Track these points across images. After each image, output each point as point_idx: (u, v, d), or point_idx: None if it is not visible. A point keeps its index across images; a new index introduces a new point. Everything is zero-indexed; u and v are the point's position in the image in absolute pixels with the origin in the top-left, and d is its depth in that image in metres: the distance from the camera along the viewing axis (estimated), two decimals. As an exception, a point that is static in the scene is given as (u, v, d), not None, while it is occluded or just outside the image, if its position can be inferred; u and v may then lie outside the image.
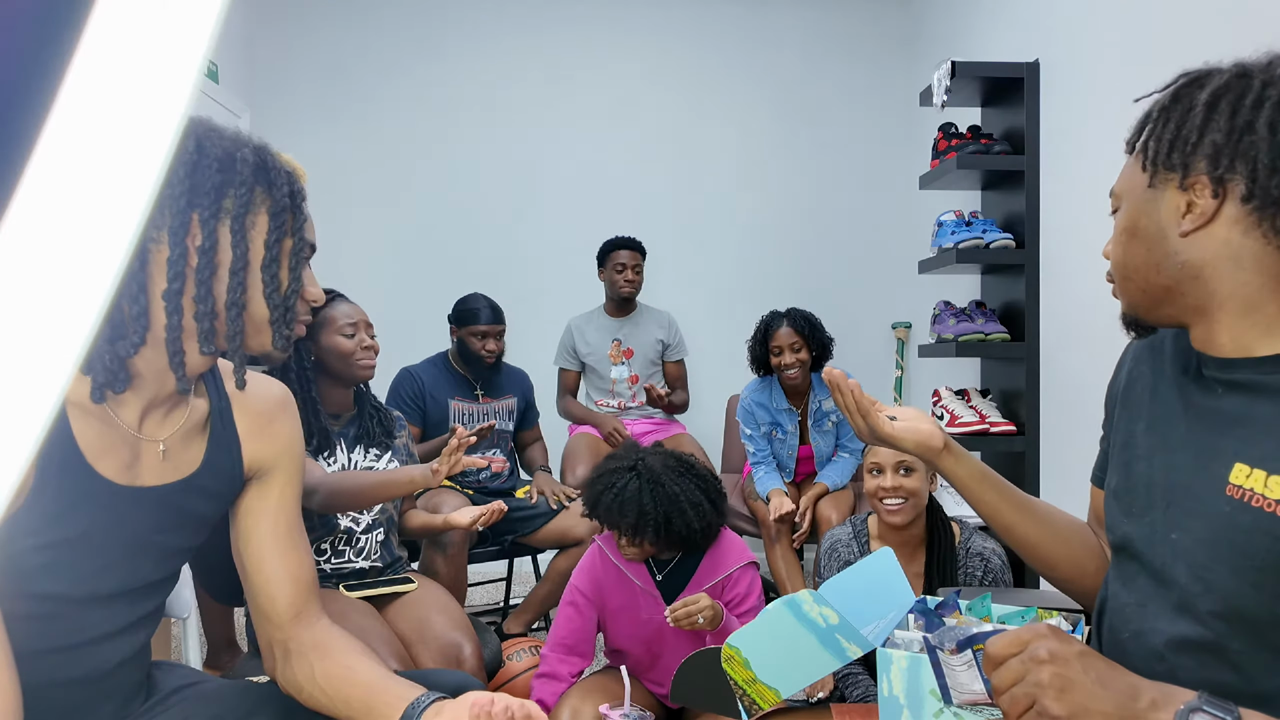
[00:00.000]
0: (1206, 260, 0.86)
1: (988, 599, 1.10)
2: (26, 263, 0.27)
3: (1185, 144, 0.86)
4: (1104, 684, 0.77)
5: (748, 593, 1.87)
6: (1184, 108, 0.87)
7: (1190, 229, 0.86)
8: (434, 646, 1.82)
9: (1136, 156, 0.93)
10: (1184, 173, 0.86)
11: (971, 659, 0.91)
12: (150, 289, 0.89)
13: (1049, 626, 0.82)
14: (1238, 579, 0.83)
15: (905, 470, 1.78)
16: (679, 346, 3.53)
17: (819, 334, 2.92)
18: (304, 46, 4.00)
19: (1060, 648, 0.79)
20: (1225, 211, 0.84)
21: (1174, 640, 0.88)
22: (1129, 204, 0.93)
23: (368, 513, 1.98)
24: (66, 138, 0.27)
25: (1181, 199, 0.87)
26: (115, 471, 0.94)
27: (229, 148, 0.92)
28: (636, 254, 3.41)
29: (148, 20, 0.27)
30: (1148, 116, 0.92)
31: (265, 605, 1.09)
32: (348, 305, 2.02)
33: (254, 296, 0.94)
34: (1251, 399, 0.86)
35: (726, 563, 1.88)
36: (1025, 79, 2.84)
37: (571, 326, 3.50)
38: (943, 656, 0.93)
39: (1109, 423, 1.08)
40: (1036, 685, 0.78)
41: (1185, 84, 0.89)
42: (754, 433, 2.98)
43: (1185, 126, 0.86)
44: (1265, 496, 0.81)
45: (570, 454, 3.18)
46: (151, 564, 1.01)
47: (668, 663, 1.85)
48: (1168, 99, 0.90)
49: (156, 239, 0.89)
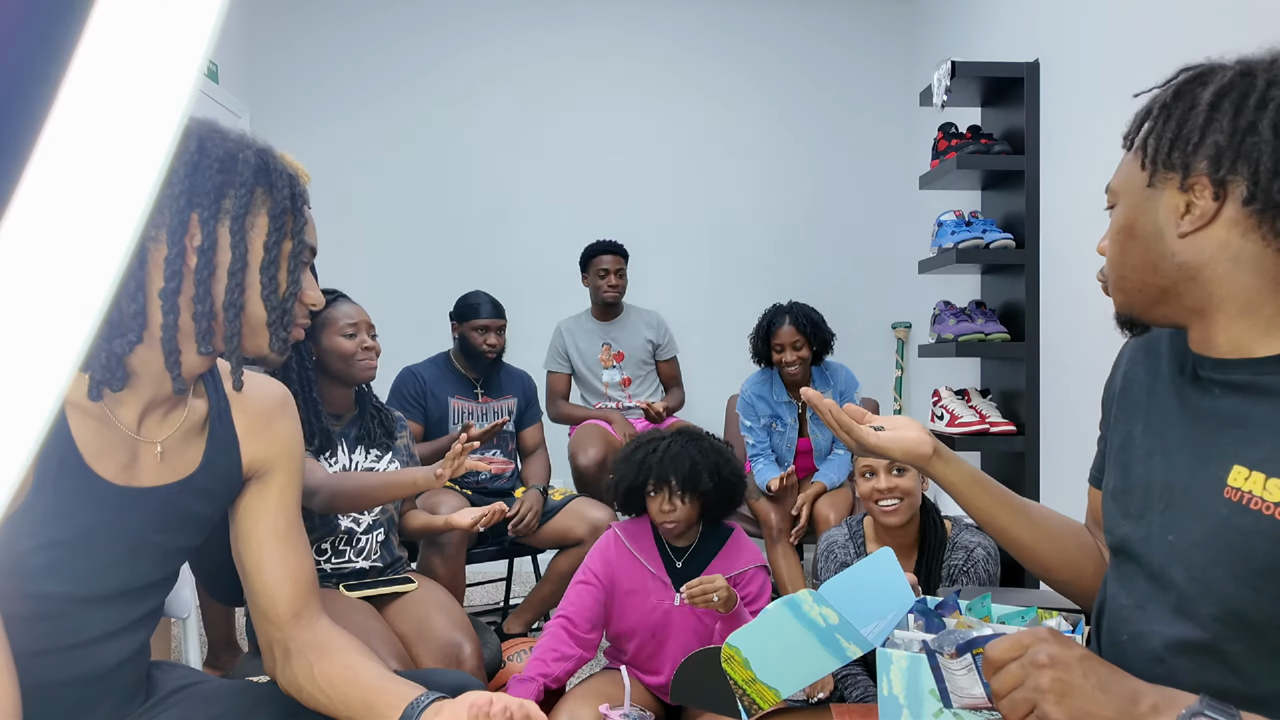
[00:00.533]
0: (1204, 261, 0.85)
1: (987, 599, 1.10)
2: (26, 263, 0.27)
3: (1186, 144, 0.84)
4: (1104, 688, 0.77)
5: (760, 593, 1.89)
6: (1185, 106, 0.86)
7: (1190, 230, 0.85)
8: (434, 646, 1.82)
9: (1135, 154, 0.91)
10: (1184, 173, 0.85)
11: (971, 663, 0.90)
12: (148, 288, 0.89)
13: (1049, 630, 0.82)
14: (1236, 582, 0.83)
15: (898, 470, 1.79)
16: (669, 345, 3.52)
17: (820, 332, 2.95)
18: (304, 46, 4.00)
19: (1061, 652, 0.78)
20: (1225, 213, 0.83)
21: (1173, 642, 0.88)
22: (1126, 202, 0.92)
23: (368, 513, 1.98)
24: (66, 138, 0.27)
25: (1181, 199, 0.86)
26: (113, 472, 0.94)
27: (231, 149, 0.92)
28: (619, 258, 3.39)
29: (148, 20, 0.27)
30: (1147, 112, 0.90)
31: (265, 605, 1.09)
32: (349, 306, 2.02)
33: (252, 298, 0.93)
34: (1249, 400, 0.85)
35: (740, 561, 1.91)
36: (1025, 79, 2.84)
37: (561, 329, 3.48)
38: (942, 660, 0.93)
39: (1106, 424, 1.07)
40: (1037, 690, 0.77)
41: (1187, 80, 0.87)
42: (754, 425, 3.00)
43: (1187, 126, 0.85)
44: (1264, 499, 0.81)
45: (580, 439, 3.14)
46: (150, 564, 1.01)
47: (671, 649, 1.87)
48: (1169, 96, 0.88)
49: (155, 238, 0.88)
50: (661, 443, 1.89)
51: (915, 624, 1.06)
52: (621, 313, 3.48)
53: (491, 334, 2.79)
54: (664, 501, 1.84)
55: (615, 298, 3.39)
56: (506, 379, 2.92)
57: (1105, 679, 0.78)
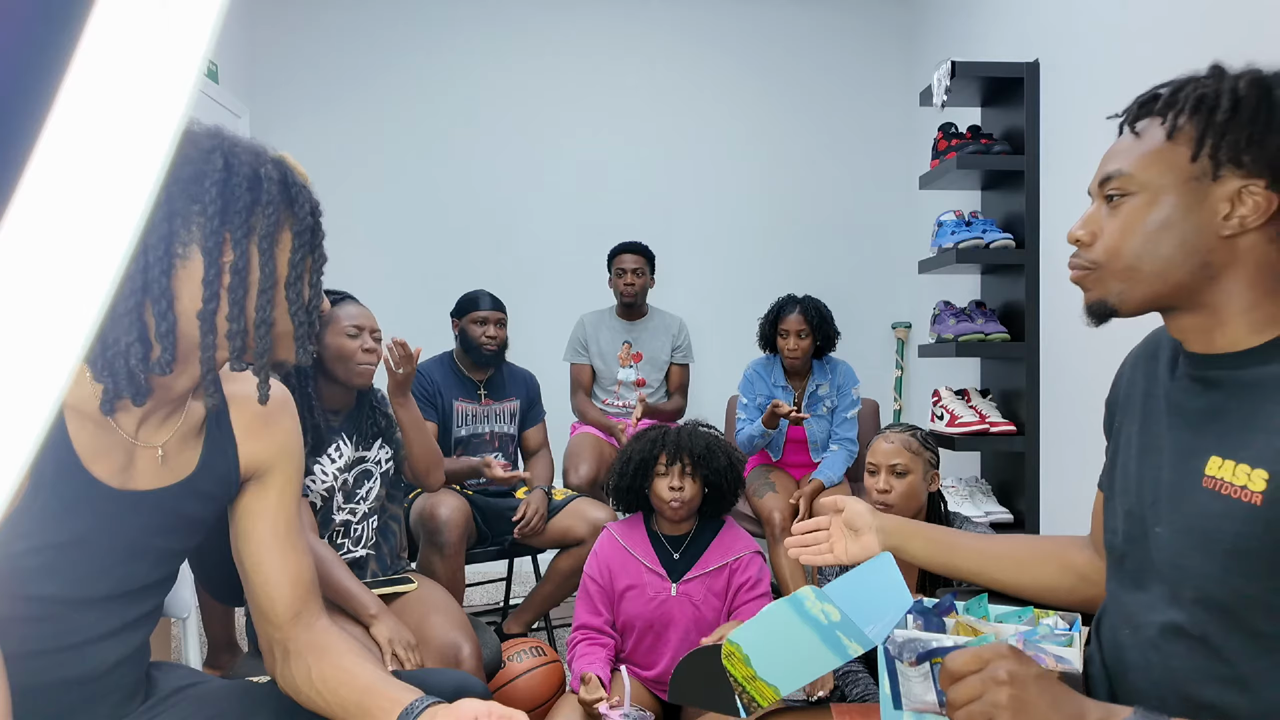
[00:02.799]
0: (1228, 262, 0.86)
1: (984, 599, 1.11)
2: (25, 265, 0.27)
3: (1260, 145, 0.83)
4: (1057, 707, 0.80)
5: (759, 578, 1.92)
6: (1261, 106, 0.83)
7: (1238, 230, 0.84)
8: (433, 646, 1.82)
9: (1178, 143, 0.87)
10: (1251, 174, 0.83)
11: (928, 670, 0.94)
12: (177, 306, 0.89)
13: (1009, 647, 0.84)
14: (1209, 563, 0.86)
15: (899, 474, 1.80)
16: (684, 350, 3.53)
17: (825, 326, 3.03)
18: (304, 46, 4.00)
19: (1019, 669, 0.81)
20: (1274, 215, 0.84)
21: (1164, 628, 0.91)
22: (1164, 194, 0.87)
23: (363, 502, 1.99)
24: (66, 138, 0.27)
25: (1231, 199, 0.84)
26: (110, 475, 0.94)
27: (254, 164, 0.92)
28: (640, 258, 3.42)
29: (148, 20, 0.27)
30: (1203, 101, 0.86)
31: (265, 605, 1.10)
32: (356, 307, 2.02)
33: (280, 314, 0.95)
34: (1226, 393, 0.88)
35: (735, 548, 1.95)
36: (1025, 79, 2.84)
37: (584, 321, 3.50)
38: (900, 667, 0.95)
39: (1109, 431, 1.09)
40: (994, 705, 0.80)
41: (1252, 81, 0.85)
42: (749, 403, 3.09)
43: (1260, 125, 0.83)
44: (1232, 484, 0.84)
45: (573, 453, 3.18)
46: (148, 566, 1.01)
47: (669, 639, 1.90)
48: (1234, 91, 0.85)
49: (185, 255, 0.88)
50: (674, 430, 1.97)
51: (914, 624, 1.06)
52: (646, 314, 3.51)
53: (490, 326, 2.78)
54: (674, 478, 1.88)
55: (632, 297, 3.40)
56: (510, 380, 2.92)
57: (1059, 698, 0.81)
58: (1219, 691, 0.86)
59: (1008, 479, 3.00)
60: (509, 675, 2.07)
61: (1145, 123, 0.91)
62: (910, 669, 0.94)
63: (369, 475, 2.02)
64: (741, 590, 1.90)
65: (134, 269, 0.85)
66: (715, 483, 1.93)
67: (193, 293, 0.89)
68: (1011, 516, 2.90)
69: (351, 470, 1.98)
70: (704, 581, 1.90)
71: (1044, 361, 2.83)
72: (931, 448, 1.88)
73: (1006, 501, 2.99)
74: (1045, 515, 2.81)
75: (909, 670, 0.94)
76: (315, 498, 1.89)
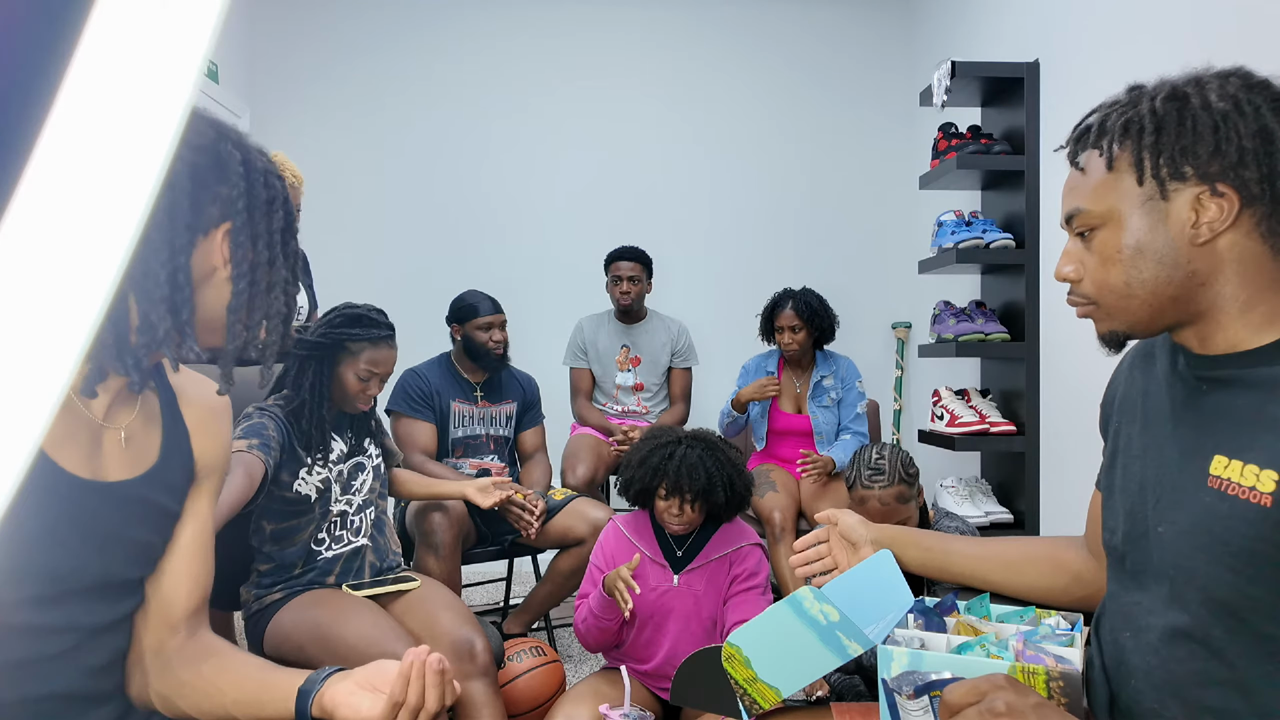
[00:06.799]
0: (1215, 266, 0.87)
1: (986, 599, 1.11)
2: (24, 264, 0.27)
3: (1196, 153, 0.84)
4: None
5: (757, 569, 1.92)
6: (1183, 118, 0.85)
7: (1208, 237, 0.86)
8: (445, 643, 1.82)
9: (1118, 172, 0.89)
10: (1199, 181, 0.85)
11: (928, 704, 0.93)
12: (195, 298, 0.90)
13: (1006, 678, 0.84)
14: (1215, 565, 0.85)
15: (900, 521, 1.84)
16: (685, 354, 3.52)
17: (819, 319, 3.06)
18: (304, 46, 4.00)
19: (1017, 700, 0.81)
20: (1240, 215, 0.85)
21: (1167, 631, 0.90)
22: (1126, 221, 0.89)
23: (358, 494, 2.02)
24: (66, 138, 0.27)
25: (1192, 208, 0.86)
26: (77, 464, 0.93)
27: (265, 163, 0.95)
28: (637, 264, 3.40)
29: (148, 20, 0.27)
30: (1129, 126, 0.88)
31: (166, 608, 1.07)
32: (385, 352, 2.02)
33: (290, 307, 0.99)
34: (1232, 393, 0.88)
35: (736, 539, 1.95)
36: (1025, 79, 2.84)
37: (582, 324, 3.50)
38: (900, 700, 0.95)
39: (1106, 432, 1.10)
40: None
41: (1166, 97, 0.87)
42: (744, 384, 3.16)
43: (1193, 135, 0.85)
44: (1240, 484, 0.83)
45: (571, 453, 3.18)
46: (124, 560, 1.00)
47: (669, 631, 1.90)
48: (1152, 110, 0.87)
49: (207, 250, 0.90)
50: (677, 449, 1.88)
51: (915, 624, 1.06)
52: (645, 318, 3.50)
53: (496, 330, 2.79)
54: (674, 507, 1.87)
55: (628, 304, 3.39)
56: (508, 384, 2.92)
57: None
58: (1220, 695, 0.86)
59: (1008, 479, 3.00)
60: (509, 675, 2.07)
61: (1085, 155, 0.93)
62: (910, 702, 0.94)
63: (362, 468, 2.05)
64: (737, 580, 1.90)
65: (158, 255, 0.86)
66: (715, 512, 1.92)
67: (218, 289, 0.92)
68: (1011, 516, 2.90)
69: (346, 462, 2.02)
70: (706, 572, 1.90)
71: (1044, 361, 2.83)
72: (913, 475, 1.91)
73: (1006, 501, 2.99)
74: (1045, 515, 2.81)
75: (909, 704, 0.94)
76: (311, 490, 1.90)
